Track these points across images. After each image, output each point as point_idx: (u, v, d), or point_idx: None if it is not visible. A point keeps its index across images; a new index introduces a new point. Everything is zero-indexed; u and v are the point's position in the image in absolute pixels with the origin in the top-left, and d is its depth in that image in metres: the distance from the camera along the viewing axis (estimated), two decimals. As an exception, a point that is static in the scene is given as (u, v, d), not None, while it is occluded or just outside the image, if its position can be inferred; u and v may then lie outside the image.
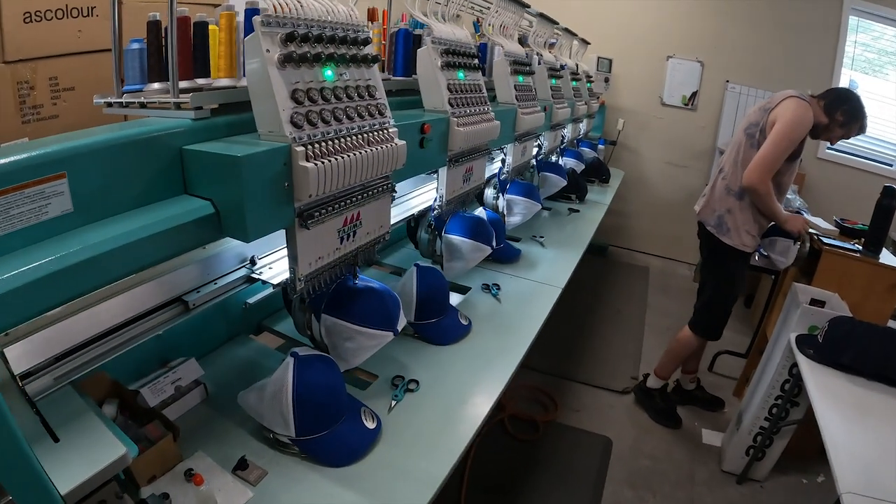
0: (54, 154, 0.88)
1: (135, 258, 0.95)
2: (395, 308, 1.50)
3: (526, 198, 2.65)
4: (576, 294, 4.08)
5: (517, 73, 2.31)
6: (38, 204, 0.86)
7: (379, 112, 1.30)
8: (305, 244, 1.20)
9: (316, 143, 1.12)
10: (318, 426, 1.28)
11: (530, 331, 1.88)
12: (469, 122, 1.76)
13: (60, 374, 1.08)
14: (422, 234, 2.15)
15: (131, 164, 1.02)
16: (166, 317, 1.33)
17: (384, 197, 1.40)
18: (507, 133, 2.29)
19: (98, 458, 0.85)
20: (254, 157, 1.02)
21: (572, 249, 2.72)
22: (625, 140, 5.38)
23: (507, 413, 2.79)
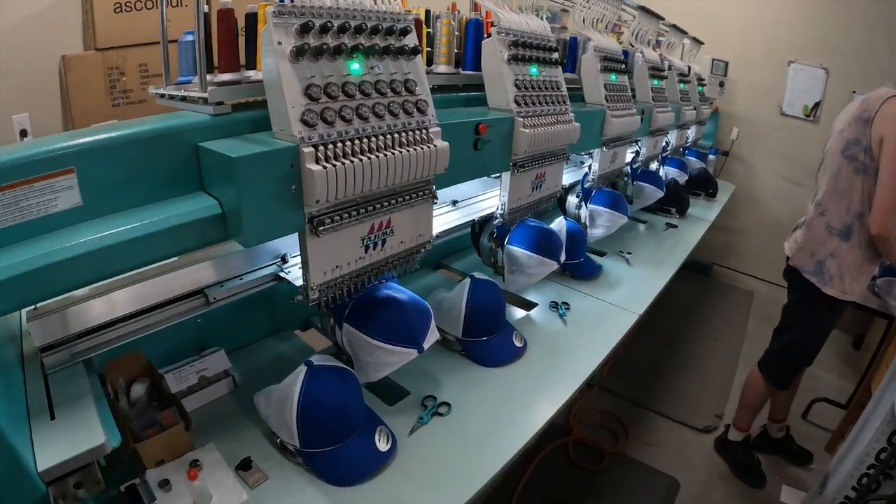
0: (63, 150, 0.87)
1: (134, 254, 0.92)
2: (421, 323, 1.31)
3: (611, 209, 2.34)
4: (669, 313, 3.65)
5: (609, 70, 2.01)
6: (47, 197, 0.85)
7: (418, 109, 1.11)
8: (317, 253, 1.05)
9: (331, 143, 0.97)
10: (322, 441, 1.16)
11: (590, 363, 1.61)
12: (539, 123, 1.52)
13: (77, 351, 1.09)
14: (484, 241, 1.93)
15: (143, 159, 0.97)
16: (184, 309, 1.27)
17: (422, 203, 1.20)
18: (592, 137, 2.01)
19: (78, 443, 0.84)
20: (250, 158, 0.90)
21: (661, 270, 2.35)
22: (738, 151, 4.75)
23: (573, 438, 2.51)
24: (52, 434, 0.87)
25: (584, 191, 2.36)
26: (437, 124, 1.15)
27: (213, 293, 1.30)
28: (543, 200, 1.81)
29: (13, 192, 0.82)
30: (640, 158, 2.76)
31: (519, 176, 1.58)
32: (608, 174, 2.29)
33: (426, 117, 1.13)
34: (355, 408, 1.22)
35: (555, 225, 2.18)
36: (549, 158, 1.68)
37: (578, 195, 2.40)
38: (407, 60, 1.11)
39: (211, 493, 1.08)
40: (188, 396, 1.34)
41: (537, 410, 1.40)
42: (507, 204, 1.62)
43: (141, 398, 1.29)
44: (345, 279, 1.13)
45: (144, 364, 1.34)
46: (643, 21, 2.52)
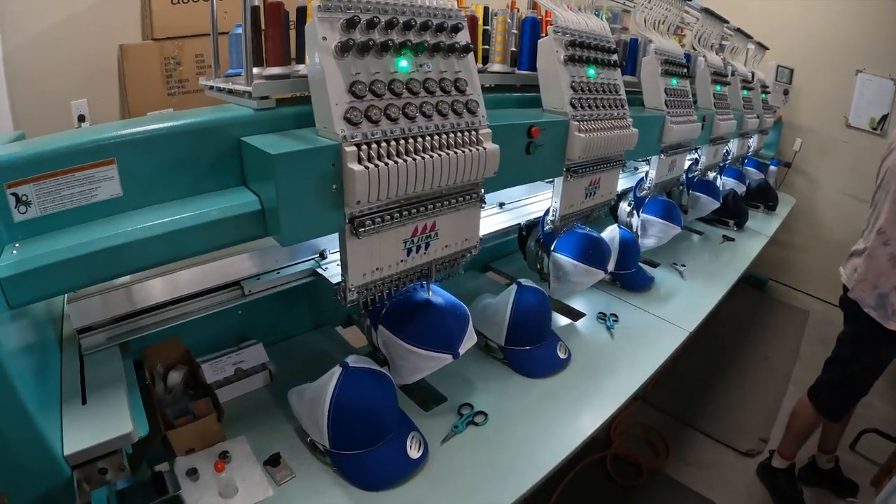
0: (104, 141, 0.86)
1: (170, 248, 0.90)
2: (458, 328, 1.25)
3: (664, 219, 2.21)
4: (721, 327, 3.46)
5: (670, 74, 1.89)
6: (88, 187, 0.85)
7: (468, 110, 1.04)
8: (357, 254, 1.00)
9: (374, 142, 0.92)
10: (352, 444, 1.13)
11: (634, 380, 1.50)
12: (596, 127, 1.42)
13: (113, 335, 1.11)
14: (530, 246, 1.85)
15: (184, 153, 0.95)
16: (219, 300, 1.26)
17: (469, 207, 1.14)
18: (650, 143, 1.89)
19: (106, 430, 0.83)
20: (290, 156, 0.86)
21: (715, 285, 2.20)
22: (801, 163, 4.44)
23: (613, 451, 2.39)
24: (81, 419, 0.87)
25: (636, 199, 2.24)
26: (487, 126, 1.08)
27: (249, 286, 1.29)
28: (597, 208, 1.71)
29: (54, 181, 0.82)
30: (699, 167, 2.61)
31: (572, 182, 1.49)
32: (665, 183, 2.16)
33: (476, 118, 1.06)
34: (388, 412, 1.18)
35: (607, 233, 2.08)
36: (604, 164, 1.58)
37: (630, 203, 2.28)
38: (458, 59, 1.05)
39: (237, 485, 1.08)
40: (224, 387, 1.34)
41: (576, 427, 1.32)
42: (559, 210, 1.53)
43: (177, 385, 1.30)
44: (384, 282, 1.08)
45: (183, 352, 1.34)
46: (707, 24, 2.37)
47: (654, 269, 2.31)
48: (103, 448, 0.83)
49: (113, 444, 0.84)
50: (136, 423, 0.88)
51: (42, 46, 2.24)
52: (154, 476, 1.04)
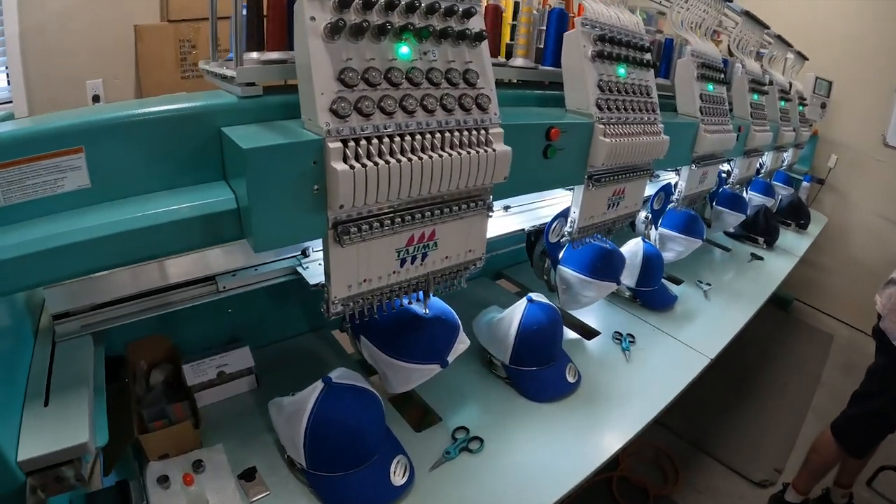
0: (71, 127, 0.77)
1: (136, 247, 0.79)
2: (444, 335, 1.13)
3: (683, 234, 2.02)
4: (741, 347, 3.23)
5: (706, 79, 1.70)
6: (54, 177, 0.77)
7: (478, 105, 0.90)
8: (341, 264, 0.86)
9: (365, 138, 0.78)
10: (330, 465, 1.01)
11: (648, 411, 1.34)
12: (623, 132, 1.26)
13: (87, 323, 1.03)
14: (538, 253, 1.69)
15: (158, 142, 0.84)
16: (192, 294, 1.14)
17: (475, 216, 0.99)
18: (680, 152, 1.72)
19: (61, 439, 0.77)
20: (265, 151, 0.73)
21: (740, 307, 2.01)
22: (834, 181, 4.16)
23: (620, 473, 2.23)
24: (40, 422, 0.80)
25: (652, 212, 2.05)
26: (499, 124, 0.93)
27: (224, 282, 1.16)
28: (620, 220, 1.54)
29: (19, 170, 0.74)
30: (731, 180, 2.41)
31: (594, 191, 1.33)
32: (695, 195, 1.97)
33: (487, 115, 0.91)
34: (372, 434, 1.05)
35: (630, 246, 1.91)
36: (630, 173, 1.41)
37: (648, 214, 2.10)
38: (469, 47, 0.90)
39: (207, 498, 0.99)
40: (207, 389, 1.24)
41: (580, 460, 1.18)
42: (577, 221, 1.37)
43: (159, 384, 1.21)
44: (374, 294, 0.94)
45: (168, 349, 1.27)
46: (746, 28, 2.16)
47: (678, 286, 2.13)
48: (58, 456, 0.76)
49: (68, 453, 0.76)
50: (94, 433, 0.80)
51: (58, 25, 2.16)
52: (119, 484, 0.93)
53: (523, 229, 1.63)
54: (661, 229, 2.07)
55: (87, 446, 0.77)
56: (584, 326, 1.77)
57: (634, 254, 1.89)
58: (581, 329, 1.76)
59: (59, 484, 0.78)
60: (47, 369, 0.91)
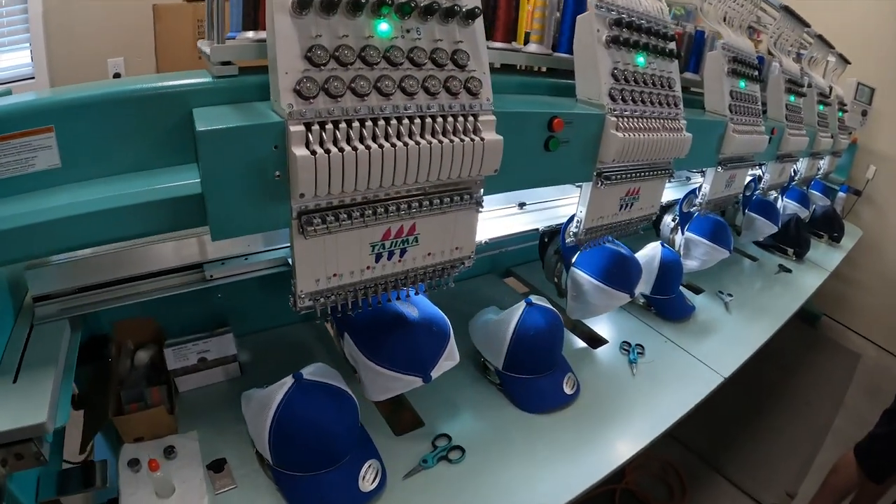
0: (42, 106, 0.74)
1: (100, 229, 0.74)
2: (431, 347, 1.03)
3: (710, 241, 1.88)
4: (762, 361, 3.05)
5: (738, 75, 1.55)
6: (25, 156, 0.74)
7: (468, 90, 0.80)
8: (307, 256, 0.78)
9: (333, 122, 0.70)
10: (295, 465, 0.95)
11: (649, 431, 1.23)
12: (639, 126, 1.14)
13: (66, 307, 1.01)
14: (550, 254, 1.57)
15: (130, 122, 0.79)
16: (179, 282, 1.09)
17: (461, 211, 0.89)
18: (706, 153, 1.57)
19: (19, 417, 0.75)
20: (220, 134, 0.66)
21: (763, 323, 1.85)
22: (872, 192, 3.87)
23: (624, 485, 2.10)
24: (4, 399, 0.78)
25: (680, 214, 1.91)
26: (491, 111, 0.83)
27: (212, 270, 1.11)
28: (634, 223, 1.41)
29: None
30: (761, 185, 2.23)
31: (604, 190, 1.20)
32: (720, 200, 1.82)
33: (477, 101, 0.81)
34: (341, 436, 0.97)
35: (648, 251, 1.78)
36: (646, 172, 1.28)
37: (675, 217, 1.96)
38: (461, 26, 0.80)
39: (174, 485, 0.97)
40: (189, 374, 1.20)
41: (571, 478, 1.08)
42: (584, 222, 1.25)
43: (143, 365, 1.18)
44: (346, 290, 0.85)
45: (155, 331, 1.25)
46: (785, 25, 1.99)
47: (697, 295, 1.98)
48: (14, 435, 0.75)
49: (24, 432, 0.75)
50: (54, 414, 0.79)
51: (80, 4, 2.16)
52: (86, 464, 0.96)
53: (537, 229, 1.53)
54: (688, 233, 1.92)
55: (45, 426, 0.75)
56: (591, 333, 1.66)
57: (651, 258, 1.76)
58: (587, 336, 1.64)
59: (18, 461, 0.77)
60: (22, 349, 0.89)
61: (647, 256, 1.76)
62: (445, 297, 1.69)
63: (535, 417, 1.22)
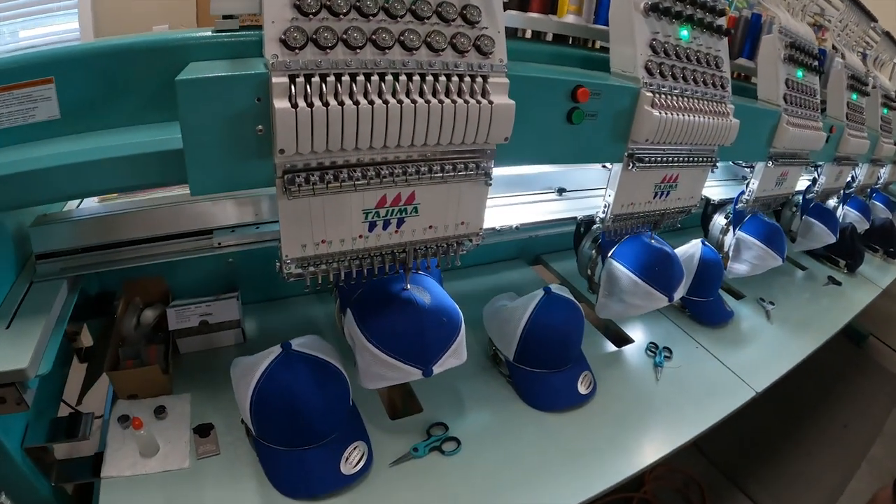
0: (43, 58, 0.75)
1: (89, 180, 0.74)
2: (437, 340, 0.93)
3: (764, 244, 1.71)
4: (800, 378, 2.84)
5: (795, 62, 1.40)
6: (26, 106, 0.76)
7: (478, 48, 0.72)
8: (291, 219, 0.72)
9: (321, 75, 0.64)
10: (276, 439, 0.92)
11: (666, 444, 1.12)
12: (678, 105, 1.02)
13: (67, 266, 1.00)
14: (585, 247, 1.46)
15: (127, 75, 0.79)
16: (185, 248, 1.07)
17: (467, 182, 0.80)
18: (755, 145, 1.43)
19: (4, 361, 0.76)
20: (198, 84, 0.62)
21: (806, 337, 1.67)
22: None
23: (642, 495, 1.98)
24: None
25: (735, 213, 1.75)
26: (504, 73, 0.74)
27: (221, 237, 1.07)
28: (670, 214, 1.29)
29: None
30: (816, 188, 2.05)
31: (635, 173, 1.09)
32: (769, 199, 1.66)
33: (487, 61, 0.73)
34: (325, 413, 0.92)
35: (687, 248, 1.64)
36: (686, 159, 1.16)
37: (729, 216, 1.80)
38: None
39: (159, 445, 0.95)
40: (192, 337, 1.18)
41: (573, 485, 0.98)
42: (612, 207, 1.14)
43: (148, 324, 1.18)
44: (337, 259, 0.79)
45: (163, 290, 1.25)
46: (850, 17, 1.79)
47: (737, 301, 1.82)
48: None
49: (5, 376, 0.76)
50: (37, 362, 0.79)
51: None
52: (72, 415, 0.95)
53: (575, 217, 1.42)
54: (740, 233, 1.76)
55: (26, 372, 0.76)
56: (617, 331, 1.54)
57: (690, 256, 1.61)
58: (612, 333, 1.53)
59: (1, 404, 0.78)
60: (18, 302, 0.90)
61: (685, 253, 1.62)
62: (462, 278, 1.65)
63: (543, 415, 1.13)
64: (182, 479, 0.90)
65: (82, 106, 0.79)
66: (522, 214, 1.42)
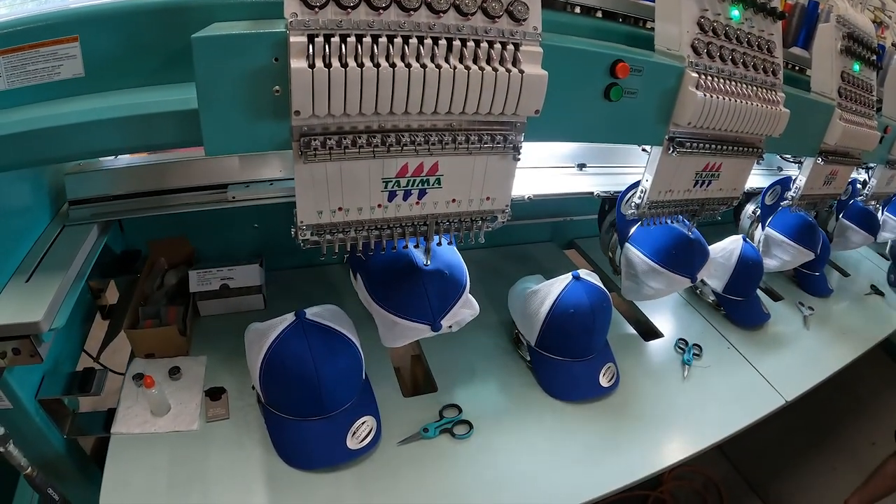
0: (68, 16, 0.74)
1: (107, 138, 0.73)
2: (439, 294, 0.91)
3: (794, 241, 1.62)
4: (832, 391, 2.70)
5: (852, 55, 1.29)
6: (52, 64, 0.75)
7: (511, 15, 0.67)
8: (307, 183, 0.70)
9: (341, 35, 0.60)
10: (284, 407, 0.93)
11: (688, 446, 1.07)
12: (725, 89, 0.95)
13: (98, 212, 1.02)
14: (606, 226, 1.39)
15: (150, 34, 0.76)
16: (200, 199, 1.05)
17: (495, 155, 0.76)
18: (805, 138, 1.33)
19: (17, 314, 0.77)
20: (215, 42, 0.59)
21: (844, 346, 1.57)
22: None
23: (659, 494, 1.92)
24: (13, 294, 0.81)
25: (762, 206, 1.66)
26: (538, 41, 0.69)
27: (235, 191, 1.05)
28: (710, 204, 1.20)
29: (21, 55, 0.74)
30: (865, 191, 1.91)
31: (676, 158, 1.02)
32: (815, 197, 1.56)
33: (520, 28, 0.68)
34: (333, 384, 0.90)
35: (727, 243, 1.57)
36: (730, 147, 1.08)
37: (757, 208, 1.71)
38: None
39: (170, 405, 0.96)
40: (213, 300, 1.19)
41: (585, 481, 0.95)
42: (649, 193, 1.08)
43: (172, 285, 1.20)
44: (355, 228, 0.76)
45: (188, 251, 1.27)
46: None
47: (775, 303, 1.73)
48: (11, 330, 0.77)
49: (20, 328, 0.77)
50: (52, 316, 0.80)
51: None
52: (86, 370, 0.97)
53: (592, 193, 1.35)
54: (768, 229, 1.67)
55: (38, 326, 0.77)
56: (647, 323, 1.48)
57: (730, 253, 1.54)
58: (642, 325, 1.47)
59: (15, 356, 0.79)
60: (45, 250, 0.91)
61: (724, 250, 1.55)
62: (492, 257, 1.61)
63: (562, 405, 1.10)
64: (189, 440, 0.90)
65: (107, 64, 0.78)
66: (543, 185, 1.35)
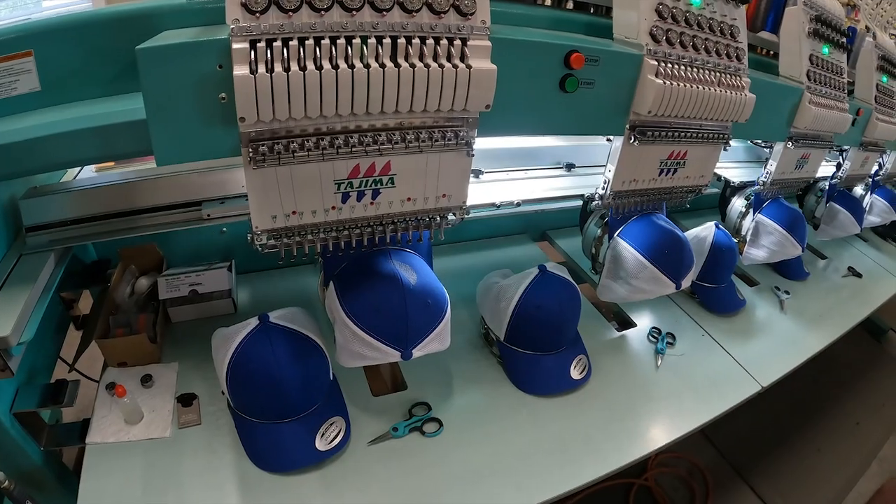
0: (21, 30, 0.76)
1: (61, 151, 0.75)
2: (420, 322, 0.90)
3: (785, 230, 1.62)
4: (816, 373, 2.73)
5: (820, 38, 1.30)
6: (8, 80, 0.77)
7: (458, 10, 0.68)
8: (259, 188, 0.70)
9: (283, 39, 0.61)
10: (251, 411, 0.92)
11: (660, 437, 1.07)
12: (686, 75, 0.96)
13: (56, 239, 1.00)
14: (591, 225, 1.39)
15: (104, 45, 0.80)
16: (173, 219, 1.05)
17: (448, 152, 0.76)
18: (774, 123, 1.35)
19: None
20: (159, 52, 0.60)
21: (822, 330, 1.58)
22: None
23: (643, 481, 1.94)
24: None
25: (756, 197, 1.67)
26: (486, 35, 0.69)
27: (209, 209, 1.05)
28: (677, 192, 1.22)
29: None
30: (840, 174, 1.94)
31: (637, 148, 1.02)
32: (788, 183, 1.57)
33: (467, 23, 0.68)
34: (299, 386, 0.90)
35: (699, 231, 1.57)
36: (696, 135, 1.09)
37: (750, 198, 1.71)
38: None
39: (143, 413, 0.96)
40: (183, 306, 1.18)
41: (556, 475, 0.95)
42: (612, 183, 1.09)
43: (142, 293, 1.18)
44: (310, 231, 0.76)
45: (157, 259, 1.25)
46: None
47: (751, 287, 1.75)
48: None
49: None
50: (20, 331, 0.81)
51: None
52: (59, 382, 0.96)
53: (582, 195, 1.36)
54: (760, 216, 1.67)
55: (7, 340, 0.77)
56: (620, 314, 1.49)
57: (702, 239, 1.54)
58: (616, 316, 1.48)
59: None
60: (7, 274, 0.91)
61: (697, 236, 1.55)
62: (463, 252, 1.61)
63: (533, 399, 1.10)
64: (163, 447, 0.90)
65: (63, 77, 0.80)
66: (527, 189, 1.37)
